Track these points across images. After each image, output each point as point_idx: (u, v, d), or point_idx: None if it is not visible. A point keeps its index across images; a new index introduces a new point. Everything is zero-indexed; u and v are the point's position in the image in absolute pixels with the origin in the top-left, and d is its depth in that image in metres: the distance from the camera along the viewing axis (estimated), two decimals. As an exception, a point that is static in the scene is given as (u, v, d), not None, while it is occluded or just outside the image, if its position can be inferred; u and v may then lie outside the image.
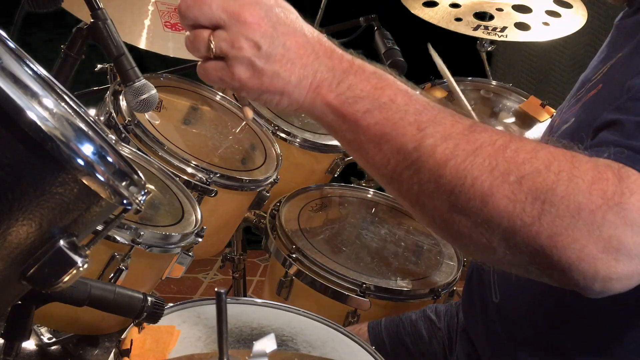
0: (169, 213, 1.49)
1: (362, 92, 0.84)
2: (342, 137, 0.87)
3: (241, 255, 2.23)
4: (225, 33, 0.82)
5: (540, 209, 0.76)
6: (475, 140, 0.80)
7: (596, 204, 0.76)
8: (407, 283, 1.69)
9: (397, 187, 0.85)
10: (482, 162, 0.79)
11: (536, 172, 0.77)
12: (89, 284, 0.98)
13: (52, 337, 1.57)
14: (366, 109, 0.83)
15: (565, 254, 0.76)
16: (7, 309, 0.93)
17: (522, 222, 0.77)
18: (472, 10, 2.42)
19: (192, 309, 1.21)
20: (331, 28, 2.43)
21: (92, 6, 1.36)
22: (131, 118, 1.64)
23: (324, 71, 0.85)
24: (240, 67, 0.82)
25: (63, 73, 1.44)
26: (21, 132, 0.57)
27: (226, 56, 0.82)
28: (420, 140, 0.81)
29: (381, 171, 0.85)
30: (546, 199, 0.76)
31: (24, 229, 0.60)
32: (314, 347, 1.19)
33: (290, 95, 0.84)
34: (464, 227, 0.81)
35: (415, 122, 0.82)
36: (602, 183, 0.77)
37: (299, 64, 0.83)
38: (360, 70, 0.86)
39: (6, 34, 0.67)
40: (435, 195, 0.81)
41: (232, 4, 0.82)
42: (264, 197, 1.82)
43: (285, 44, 0.83)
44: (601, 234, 0.76)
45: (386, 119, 0.82)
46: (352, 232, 1.87)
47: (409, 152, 0.81)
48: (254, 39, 0.81)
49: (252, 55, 0.81)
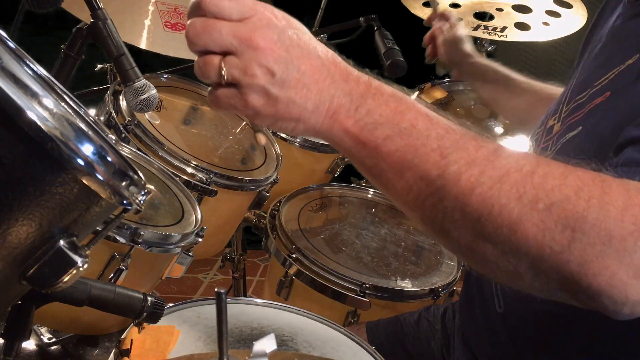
0: (169, 213, 1.49)
1: (382, 117, 0.80)
2: (361, 164, 0.83)
3: (241, 255, 2.23)
4: (237, 59, 0.78)
5: (570, 237, 0.74)
6: (501, 167, 0.78)
7: (628, 231, 0.74)
8: (407, 283, 1.69)
9: (420, 214, 0.82)
10: (509, 190, 0.76)
11: (566, 200, 0.75)
12: (89, 284, 0.98)
13: (52, 337, 1.57)
14: (386, 135, 0.79)
15: (596, 281, 0.75)
16: (7, 309, 0.93)
17: (551, 250, 0.75)
18: (472, 10, 2.42)
19: (192, 309, 1.21)
20: (331, 28, 2.43)
21: (92, 6, 1.36)
22: (131, 118, 1.64)
23: (341, 96, 0.81)
24: (254, 95, 0.78)
25: (63, 73, 1.44)
26: (21, 132, 0.57)
27: (239, 83, 0.79)
28: (444, 168, 0.78)
29: (403, 199, 0.82)
30: (576, 227, 0.74)
31: (24, 229, 0.60)
32: (314, 347, 1.19)
33: (307, 122, 0.81)
34: (491, 254, 0.79)
35: (438, 148, 0.79)
36: (634, 209, 0.75)
37: (315, 89, 0.80)
38: (378, 93, 0.82)
39: (6, 34, 0.67)
40: (461, 224, 0.79)
41: (242, 28, 0.77)
42: (264, 197, 1.82)
43: (300, 69, 0.79)
44: (632, 260, 0.74)
45: (408, 145, 0.79)
46: (352, 232, 1.87)
47: (432, 180, 0.78)
48: (267, 65, 0.77)
49: (265, 82, 0.78)
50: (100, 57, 1.58)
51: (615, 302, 0.76)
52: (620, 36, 1.11)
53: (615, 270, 0.74)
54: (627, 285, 0.74)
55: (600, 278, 0.74)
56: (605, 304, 0.76)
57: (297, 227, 1.81)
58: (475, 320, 1.26)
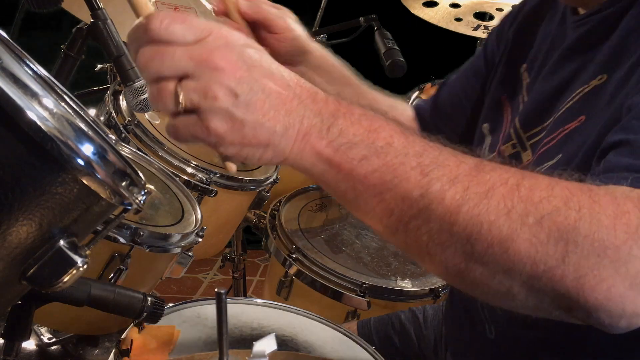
0: (169, 213, 1.49)
1: (356, 137, 0.74)
2: (336, 189, 0.76)
3: (241, 255, 2.23)
4: (195, 82, 0.69)
5: (564, 251, 0.71)
6: (485, 181, 0.73)
7: (621, 240, 0.71)
8: (407, 283, 1.69)
9: (403, 238, 0.76)
10: (497, 205, 0.72)
11: (555, 211, 0.72)
12: (89, 284, 0.98)
13: (52, 337, 1.57)
14: (362, 155, 0.73)
15: (593, 296, 0.72)
16: (7, 309, 0.93)
17: (545, 266, 0.71)
18: (472, 10, 2.42)
19: (192, 309, 1.21)
20: (331, 28, 2.43)
21: (92, 6, 1.36)
22: (131, 118, 1.64)
23: (311, 116, 0.73)
24: (216, 120, 0.70)
25: (63, 73, 1.44)
26: (21, 132, 0.57)
27: (198, 109, 0.70)
28: (427, 186, 0.73)
29: (384, 222, 0.76)
30: (569, 239, 0.71)
31: (24, 229, 0.60)
32: (314, 347, 1.19)
33: (276, 147, 0.73)
34: (481, 275, 0.74)
35: (418, 166, 0.73)
36: (625, 216, 0.72)
37: (283, 110, 0.72)
38: (348, 112, 0.75)
39: (6, 34, 0.67)
40: (448, 245, 0.74)
41: (198, 50, 0.69)
42: (264, 197, 1.82)
43: (264, 89, 0.71)
44: (628, 270, 0.71)
45: (386, 164, 0.73)
46: (352, 232, 1.87)
47: (415, 200, 0.73)
48: (229, 85, 0.69)
49: (229, 104, 0.69)
50: (100, 57, 1.58)
51: (612, 316, 0.73)
52: (572, 57, 1.07)
53: (611, 282, 0.71)
54: (623, 298, 0.72)
55: (597, 292, 0.72)
56: (602, 318, 0.73)
57: (297, 227, 1.81)
58: (465, 343, 1.23)
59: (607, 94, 0.95)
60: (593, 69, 1.00)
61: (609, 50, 0.99)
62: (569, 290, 0.72)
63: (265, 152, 0.73)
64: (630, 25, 0.97)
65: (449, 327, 1.31)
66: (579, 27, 1.06)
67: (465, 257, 0.74)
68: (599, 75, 0.98)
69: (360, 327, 1.46)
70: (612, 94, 0.94)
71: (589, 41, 1.03)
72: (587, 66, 1.01)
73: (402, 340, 1.43)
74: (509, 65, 1.24)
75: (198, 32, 0.70)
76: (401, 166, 0.73)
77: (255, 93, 0.71)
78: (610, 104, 0.93)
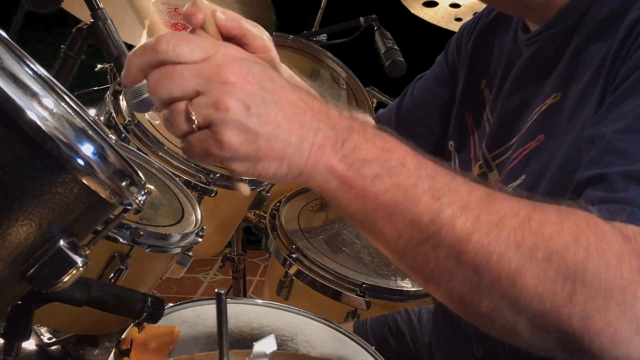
0: (169, 213, 1.49)
1: (369, 154, 0.71)
2: (346, 207, 0.74)
3: (241, 255, 2.23)
4: (206, 98, 0.68)
5: (571, 290, 0.69)
6: (497, 211, 0.71)
7: (627, 281, 0.69)
8: (407, 283, 1.69)
9: (410, 262, 0.74)
10: (507, 237, 0.69)
11: (565, 248, 0.69)
12: (89, 284, 0.98)
13: (52, 337, 1.57)
14: (375, 173, 0.71)
15: (598, 339, 0.69)
16: (7, 309, 0.93)
17: (552, 304, 0.69)
18: (472, 10, 2.42)
19: (192, 309, 1.21)
20: (331, 28, 2.43)
21: (92, 6, 1.37)
22: (131, 118, 1.64)
23: (325, 129, 0.71)
24: (230, 132, 0.67)
25: (63, 73, 1.44)
26: (21, 132, 0.57)
27: (211, 123, 0.68)
28: (438, 211, 0.70)
29: (392, 245, 0.74)
30: (577, 278, 0.69)
31: (24, 229, 0.60)
32: (314, 347, 1.19)
33: (291, 160, 0.70)
34: (486, 308, 0.72)
35: (430, 190, 0.71)
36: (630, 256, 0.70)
37: (297, 122, 0.70)
38: (362, 129, 0.73)
39: (6, 34, 0.67)
40: (455, 273, 0.71)
41: (207, 66, 0.68)
42: (264, 197, 1.82)
43: (277, 101, 0.69)
44: (634, 313, 0.69)
45: (398, 185, 0.71)
46: (352, 232, 1.87)
47: (425, 225, 0.70)
48: (241, 98, 0.67)
49: (241, 116, 0.67)
50: (100, 57, 1.58)
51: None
52: (528, 77, 1.06)
53: (617, 326, 0.69)
54: (629, 343, 0.70)
55: (602, 336, 0.69)
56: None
57: (297, 227, 1.81)
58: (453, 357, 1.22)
59: (564, 112, 0.95)
60: (548, 87, 1.00)
61: (561, 69, 0.98)
62: (575, 332, 0.70)
63: (280, 166, 0.71)
64: (579, 43, 0.96)
65: (436, 340, 1.30)
66: (531, 45, 1.05)
67: (471, 288, 0.71)
68: (553, 93, 0.98)
69: (356, 328, 1.46)
70: (569, 113, 0.94)
71: (542, 60, 1.03)
72: (543, 85, 1.01)
73: (398, 341, 1.43)
74: (469, 80, 1.23)
75: (205, 50, 0.69)
76: (413, 188, 0.71)
77: (267, 105, 0.69)
78: (569, 123, 0.93)
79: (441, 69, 1.32)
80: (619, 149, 0.78)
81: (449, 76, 1.30)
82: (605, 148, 0.80)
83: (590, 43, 0.95)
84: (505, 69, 1.12)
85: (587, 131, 0.85)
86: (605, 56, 0.90)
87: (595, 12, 0.95)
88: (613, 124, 0.81)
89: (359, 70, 2.40)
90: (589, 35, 0.95)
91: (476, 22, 1.26)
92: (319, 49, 2.34)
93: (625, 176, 0.76)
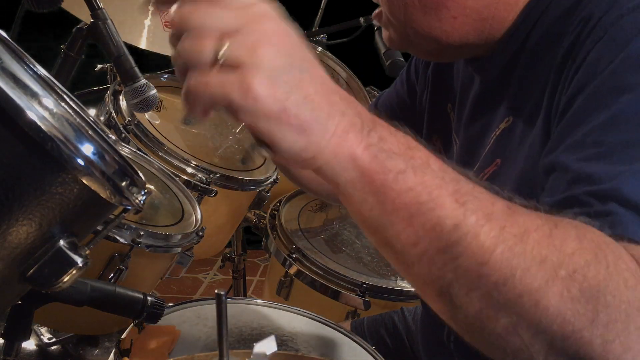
0: (169, 213, 1.49)
1: (395, 148, 0.65)
2: (358, 204, 0.67)
3: (241, 255, 2.23)
4: (242, 37, 0.61)
5: (594, 310, 0.64)
6: (520, 223, 0.66)
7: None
8: (407, 283, 1.69)
9: (423, 272, 0.67)
10: (531, 251, 0.65)
11: (586, 266, 0.65)
12: (89, 284, 0.98)
13: (52, 337, 1.57)
14: (400, 169, 0.65)
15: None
16: (7, 309, 0.93)
17: (573, 326, 0.64)
18: (472, 10, 2.41)
19: (192, 309, 1.21)
20: (331, 28, 2.43)
21: (92, 6, 1.36)
22: (131, 118, 1.64)
23: (352, 115, 0.65)
24: (260, 80, 0.60)
25: (63, 73, 1.44)
26: (21, 132, 0.57)
27: (241, 66, 0.60)
28: (463, 217, 0.64)
29: (405, 252, 0.67)
30: (599, 299, 0.64)
31: (24, 229, 0.60)
32: (314, 347, 1.19)
33: (312, 136, 0.63)
34: (502, 327, 0.66)
35: (454, 194, 0.65)
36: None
37: (326, 100, 0.63)
38: (385, 124, 0.67)
39: (6, 34, 0.67)
40: (474, 287, 0.65)
41: (251, 11, 0.62)
42: (264, 197, 1.82)
43: (311, 72, 0.63)
44: None
45: (422, 184, 0.65)
46: (352, 232, 1.87)
47: (447, 231, 0.64)
48: (279, 52, 0.61)
49: (276, 69, 0.61)
50: (100, 57, 1.58)
51: None
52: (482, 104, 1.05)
53: (637, 352, 0.65)
54: None
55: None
56: None
57: (297, 227, 1.81)
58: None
59: (516, 135, 0.94)
60: (502, 112, 1.00)
61: (512, 92, 0.98)
62: (593, 358, 0.65)
63: (298, 140, 0.63)
64: (524, 65, 0.96)
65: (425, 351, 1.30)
66: (480, 72, 1.05)
67: (489, 304, 0.66)
68: (506, 118, 0.98)
69: (353, 328, 1.46)
70: (519, 136, 0.94)
71: (493, 85, 1.03)
72: (498, 110, 1.01)
73: (394, 340, 1.43)
74: (434, 106, 1.21)
75: None
76: (438, 189, 0.65)
77: (302, 71, 0.63)
78: (520, 146, 0.92)
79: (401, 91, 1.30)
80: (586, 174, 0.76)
81: (409, 100, 1.28)
82: (572, 178, 0.77)
83: (534, 66, 0.95)
84: (462, 93, 1.12)
85: (544, 159, 0.83)
86: (546, 78, 0.89)
87: (535, 34, 0.95)
88: (572, 152, 0.78)
89: (359, 70, 2.40)
90: (532, 58, 0.95)
91: None
92: (319, 49, 2.34)
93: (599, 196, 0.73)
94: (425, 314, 1.30)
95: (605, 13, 0.84)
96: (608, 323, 0.64)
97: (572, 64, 0.85)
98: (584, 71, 0.83)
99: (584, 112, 0.80)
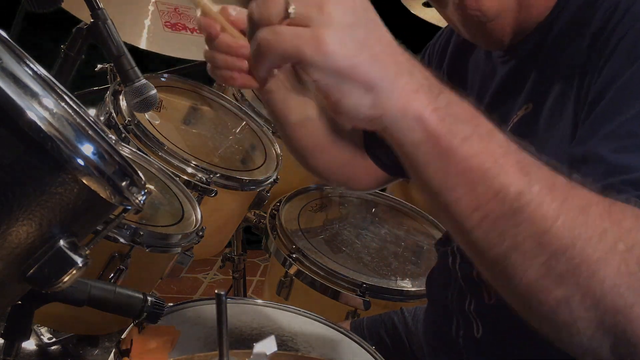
0: (169, 213, 1.49)
1: (462, 114, 0.66)
2: (423, 167, 0.66)
3: (241, 255, 2.23)
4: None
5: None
6: (581, 196, 0.66)
7: None
8: (407, 283, 1.69)
9: (481, 238, 0.67)
10: (593, 223, 0.65)
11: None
12: (89, 284, 0.98)
13: (52, 337, 1.57)
14: (466, 134, 0.65)
15: None
16: (7, 309, 0.93)
17: (625, 301, 0.64)
18: (472, 10, 2.41)
19: (192, 309, 1.21)
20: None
21: (92, 6, 1.36)
22: (131, 118, 1.64)
23: (420, 77, 0.65)
24: (332, 36, 0.61)
25: (63, 73, 1.44)
26: (21, 132, 0.57)
27: (311, 23, 0.61)
28: (527, 185, 0.65)
29: (464, 217, 0.67)
30: None
31: (24, 229, 0.60)
32: (314, 347, 1.19)
33: (380, 94, 0.63)
34: (554, 298, 0.66)
35: (518, 163, 0.66)
36: None
37: (393, 59, 0.64)
38: (451, 91, 0.67)
39: (6, 34, 0.67)
40: (533, 255, 0.65)
41: None
42: (264, 197, 1.82)
43: (377, 32, 0.64)
44: None
45: (488, 151, 0.65)
46: (352, 232, 1.87)
47: (511, 198, 0.64)
48: (347, 11, 0.62)
49: (345, 27, 0.61)
50: (100, 57, 1.58)
51: None
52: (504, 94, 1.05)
53: None
54: None
55: None
56: None
57: (297, 227, 1.81)
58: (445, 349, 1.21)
59: (540, 122, 0.94)
60: (520, 100, 1.00)
61: (533, 80, 0.98)
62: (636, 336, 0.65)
63: (364, 97, 0.63)
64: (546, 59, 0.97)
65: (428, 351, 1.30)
66: (506, 63, 1.05)
67: (546, 273, 0.66)
68: (524, 105, 0.98)
69: (353, 328, 1.46)
70: (547, 123, 0.93)
71: (516, 76, 1.03)
72: (516, 99, 1.01)
73: (394, 341, 1.43)
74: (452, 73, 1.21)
75: None
76: (503, 157, 0.65)
77: (369, 31, 0.63)
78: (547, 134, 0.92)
79: None
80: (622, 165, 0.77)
81: None
82: (608, 169, 0.77)
83: (557, 54, 0.95)
84: (480, 87, 1.12)
85: (574, 148, 0.83)
86: (571, 66, 0.89)
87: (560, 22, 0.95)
88: (607, 143, 0.79)
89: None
90: (555, 47, 0.95)
91: (444, 47, 1.25)
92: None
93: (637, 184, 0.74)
94: (431, 310, 1.30)
95: (635, 2, 0.84)
96: None
97: (602, 53, 0.85)
98: (615, 61, 0.83)
99: (617, 102, 0.81)
